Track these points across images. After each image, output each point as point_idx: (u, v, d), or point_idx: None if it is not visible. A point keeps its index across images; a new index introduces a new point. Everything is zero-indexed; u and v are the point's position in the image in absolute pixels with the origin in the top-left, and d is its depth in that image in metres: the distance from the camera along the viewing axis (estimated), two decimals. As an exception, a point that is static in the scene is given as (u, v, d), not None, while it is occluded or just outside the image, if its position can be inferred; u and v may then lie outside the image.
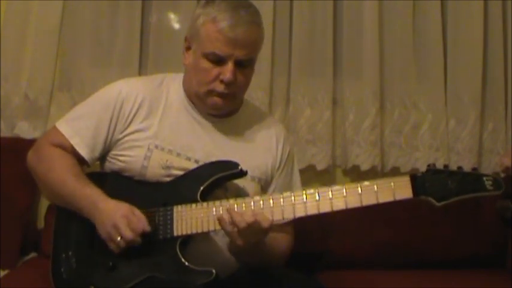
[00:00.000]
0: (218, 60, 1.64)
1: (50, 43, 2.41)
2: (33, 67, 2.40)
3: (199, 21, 1.66)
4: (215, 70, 1.65)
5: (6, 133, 2.37)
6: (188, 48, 1.72)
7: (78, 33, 2.44)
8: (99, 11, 2.46)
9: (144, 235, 1.55)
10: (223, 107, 1.71)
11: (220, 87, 1.65)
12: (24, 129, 2.36)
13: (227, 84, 1.65)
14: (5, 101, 2.39)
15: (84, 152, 1.69)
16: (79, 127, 1.70)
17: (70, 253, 1.64)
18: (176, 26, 2.53)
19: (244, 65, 1.67)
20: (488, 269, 2.36)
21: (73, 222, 1.67)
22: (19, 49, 2.42)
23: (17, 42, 2.41)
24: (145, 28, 2.49)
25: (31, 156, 1.74)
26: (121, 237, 1.54)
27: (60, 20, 2.42)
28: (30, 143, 1.81)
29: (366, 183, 1.55)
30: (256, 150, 1.77)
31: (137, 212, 1.58)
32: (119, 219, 1.55)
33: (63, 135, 1.70)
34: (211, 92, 1.67)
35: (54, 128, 1.73)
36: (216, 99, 1.68)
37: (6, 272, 2.06)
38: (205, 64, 1.65)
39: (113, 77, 1.95)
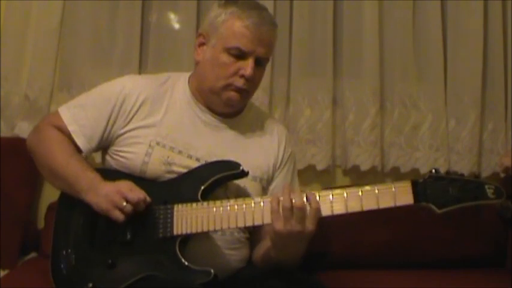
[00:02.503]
0: (240, 56, 1.67)
1: (50, 43, 2.41)
2: (33, 67, 2.41)
3: (220, 19, 1.69)
4: (235, 65, 1.67)
5: (6, 133, 2.37)
6: (202, 44, 1.74)
7: (78, 33, 2.44)
8: (99, 11, 2.46)
9: (145, 205, 1.57)
10: (237, 103, 1.73)
11: (239, 82, 1.67)
12: (24, 129, 2.35)
13: (247, 80, 1.67)
14: (5, 101, 2.39)
15: (80, 141, 1.71)
16: (79, 116, 1.72)
17: (69, 251, 1.64)
18: (176, 26, 2.53)
19: (261, 64, 1.71)
20: (488, 269, 2.36)
21: (73, 220, 1.67)
22: (19, 49, 2.42)
23: (17, 42, 2.41)
24: (145, 28, 2.49)
25: (31, 137, 1.77)
26: (126, 202, 1.55)
27: (60, 20, 2.42)
28: (30, 143, 1.82)
29: (367, 187, 1.54)
30: (258, 150, 1.78)
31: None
32: (123, 186, 1.57)
33: (63, 120, 1.72)
34: (228, 86, 1.69)
35: (57, 112, 1.76)
36: (233, 94, 1.69)
37: (6, 272, 2.07)
38: (226, 58, 1.67)
39: (112, 77, 1.94)
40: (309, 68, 2.55)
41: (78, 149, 1.72)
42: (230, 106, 1.73)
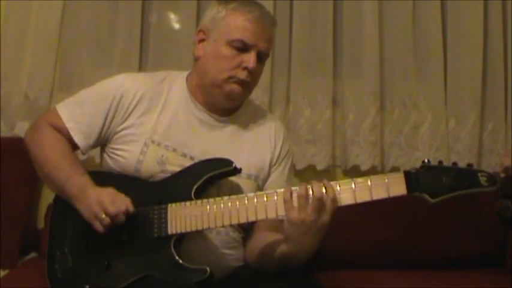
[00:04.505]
0: (242, 48, 1.68)
1: (50, 43, 2.42)
2: (33, 67, 2.41)
3: (221, 14, 1.71)
4: (238, 58, 1.68)
5: (6, 133, 2.37)
6: (202, 40, 1.74)
7: (78, 33, 2.45)
8: (99, 11, 2.46)
9: (128, 216, 1.56)
10: (239, 96, 1.73)
11: (242, 75, 1.68)
12: (24, 129, 2.33)
13: (250, 72, 1.68)
14: (5, 101, 2.39)
15: (77, 138, 1.71)
16: (76, 112, 1.72)
17: (65, 252, 1.64)
18: (176, 26, 2.53)
19: (262, 59, 1.72)
20: (488, 269, 2.36)
21: (68, 222, 1.67)
22: (19, 49, 2.42)
23: (17, 42, 2.41)
24: (145, 28, 2.50)
25: (28, 134, 1.77)
26: (105, 214, 1.55)
27: (60, 20, 2.42)
28: (30, 143, 1.82)
29: (360, 179, 1.53)
30: (254, 148, 1.78)
31: (123, 195, 1.59)
32: (104, 197, 1.57)
33: (60, 117, 1.72)
34: (231, 79, 1.69)
35: (54, 109, 1.76)
36: (235, 87, 1.70)
37: (6, 272, 2.06)
38: (228, 52, 1.68)
39: (112, 77, 1.97)
40: (309, 68, 2.55)
41: (75, 146, 1.72)
42: (232, 99, 1.73)
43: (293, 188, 1.53)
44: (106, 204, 1.55)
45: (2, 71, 2.37)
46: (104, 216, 1.55)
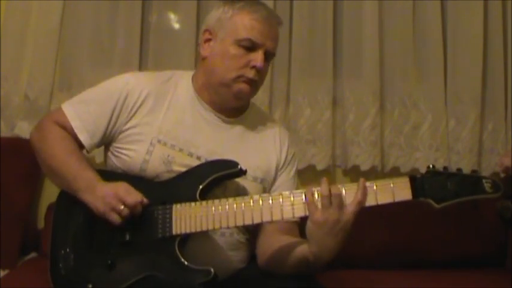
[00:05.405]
0: (250, 48, 1.68)
1: (50, 43, 2.41)
2: (33, 67, 2.41)
3: (227, 15, 1.71)
4: (246, 57, 1.69)
5: (6, 133, 2.37)
6: (208, 40, 1.75)
7: (78, 33, 2.45)
8: (99, 11, 2.46)
9: (143, 207, 1.57)
10: (247, 95, 1.74)
11: (250, 73, 1.69)
12: (24, 129, 2.35)
13: (258, 71, 1.69)
14: (5, 101, 2.39)
15: (82, 137, 1.71)
16: (82, 111, 1.72)
17: (68, 252, 1.63)
18: (176, 26, 2.53)
19: (268, 58, 1.73)
20: (489, 269, 2.37)
21: (71, 220, 1.66)
22: (19, 49, 2.41)
23: (17, 42, 2.41)
24: (145, 28, 2.50)
25: (34, 133, 1.76)
26: (124, 205, 1.55)
27: (60, 20, 2.42)
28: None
29: (366, 183, 1.54)
30: (259, 150, 1.78)
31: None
32: (120, 190, 1.57)
33: (65, 116, 1.72)
34: (239, 78, 1.69)
35: (60, 108, 1.75)
36: (243, 86, 1.70)
37: (6, 272, 2.06)
38: (236, 51, 1.69)
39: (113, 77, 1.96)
40: (309, 68, 2.56)
41: (80, 146, 1.72)
42: (240, 99, 1.74)
43: (313, 189, 1.53)
44: (123, 195, 1.56)
45: (2, 71, 2.37)
46: (122, 207, 1.55)
